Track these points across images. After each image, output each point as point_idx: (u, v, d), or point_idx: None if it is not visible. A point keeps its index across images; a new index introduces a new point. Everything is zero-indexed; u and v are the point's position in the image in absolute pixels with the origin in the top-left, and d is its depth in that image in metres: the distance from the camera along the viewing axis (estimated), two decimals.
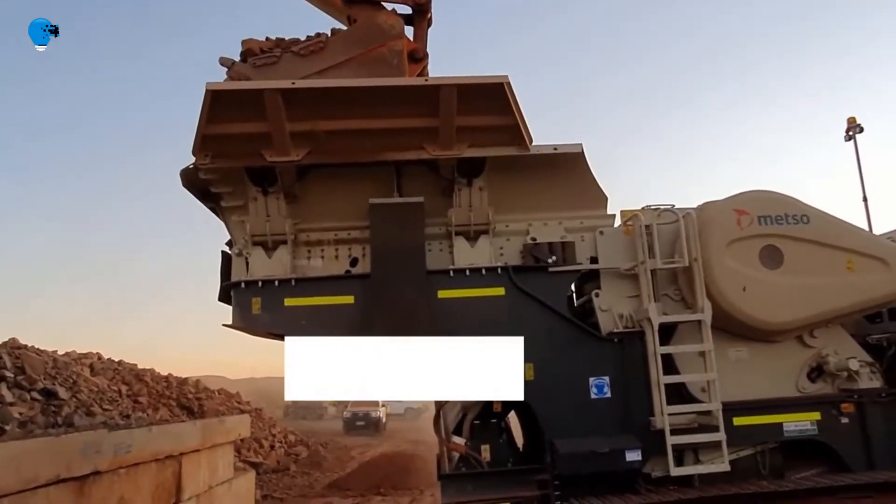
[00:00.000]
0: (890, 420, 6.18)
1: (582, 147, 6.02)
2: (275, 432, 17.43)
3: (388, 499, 10.86)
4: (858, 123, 11.59)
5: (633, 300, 6.13)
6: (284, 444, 17.11)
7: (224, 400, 16.09)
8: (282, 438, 17.33)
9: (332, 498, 11.21)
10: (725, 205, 6.21)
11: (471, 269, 6.00)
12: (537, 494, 5.79)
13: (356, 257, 6.17)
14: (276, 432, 17.48)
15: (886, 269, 6.24)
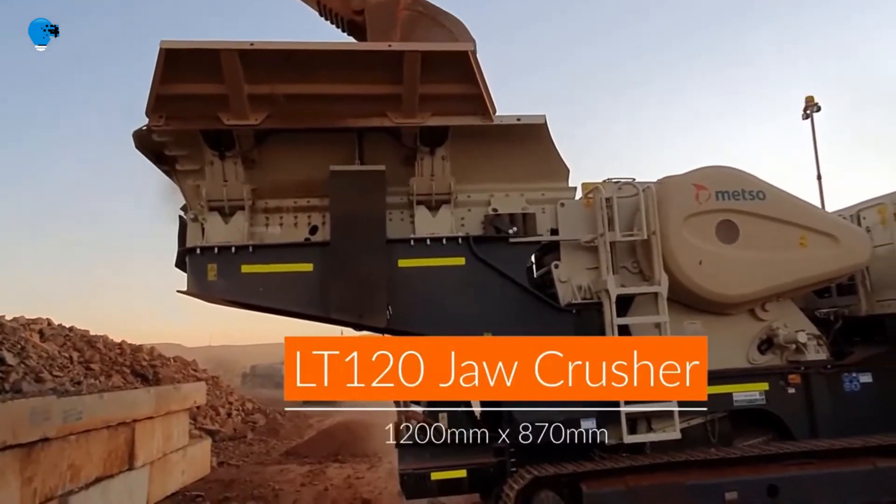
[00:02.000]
0: (833, 391, 6.56)
1: (545, 118, 6.12)
2: (232, 400, 17.47)
3: (346, 466, 11.06)
4: (816, 102, 11.92)
5: (591, 272, 6.32)
6: (242, 412, 17.16)
7: (180, 367, 16.03)
8: (239, 406, 17.38)
9: (289, 465, 11.36)
10: (684, 179, 6.41)
11: (432, 239, 6.11)
12: (494, 462, 6.02)
13: (315, 225, 6.20)
14: (233, 400, 17.52)
15: (837, 245, 6.55)
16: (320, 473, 10.38)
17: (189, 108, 5.54)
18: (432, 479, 5.91)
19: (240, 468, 11.19)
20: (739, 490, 5.73)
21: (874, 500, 5.97)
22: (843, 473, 5.96)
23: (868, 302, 7.03)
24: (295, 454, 12.70)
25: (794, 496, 5.83)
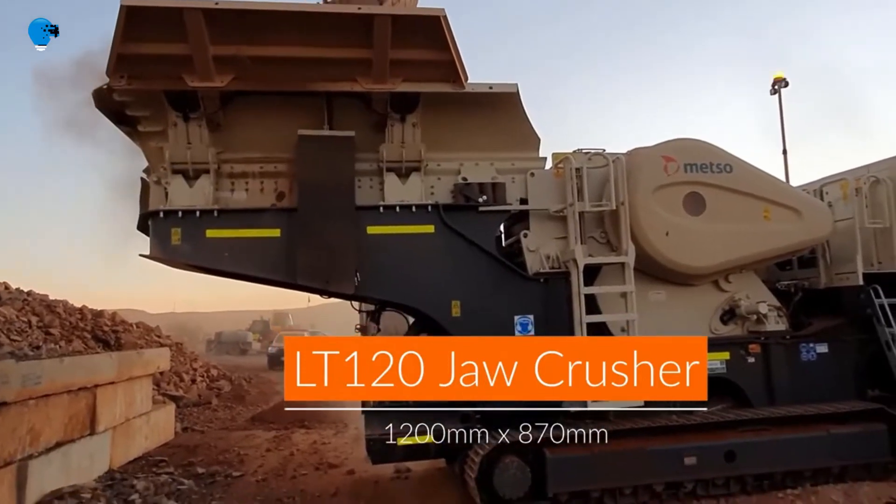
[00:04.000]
0: (791, 360, 6.88)
1: (517, 87, 6.17)
2: (196, 366, 17.38)
3: (312, 432, 11.18)
4: (784, 79, 12.16)
5: (560, 241, 6.47)
6: (206, 378, 17.11)
7: (143, 333, 15.86)
8: (203, 373, 17.31)
9: (254, 431, 11.44)
10: (654, 151, 6.55)
11: (401, 206, 6.18)
12: (460, 428, 6.18)
13: (283, 191, 6.21)
14: (197, 366, 17.44)
15: (800, 218, 6.79)
16: (286, 439, 10.49)
17: (152, 69, 5.48)
18: (398, 445, 6.06)
19: (204, 434, 11.24)
20: (698, 455, 6.04)
21: (826, 464, 6.33)
22: (798, 439, 6.30)
23: (827, 275, 7.33)
24: (261, 420, 12.76)
25: (750, 461, 6.16)
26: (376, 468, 7.36)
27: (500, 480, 5.73)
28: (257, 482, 7.64)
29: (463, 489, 6.20)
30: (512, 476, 5.75)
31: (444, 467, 7.43)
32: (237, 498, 6.94)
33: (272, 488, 7.34)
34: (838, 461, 6.37)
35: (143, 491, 6.78)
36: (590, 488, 5.88)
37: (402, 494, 6.90)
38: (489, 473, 5.75)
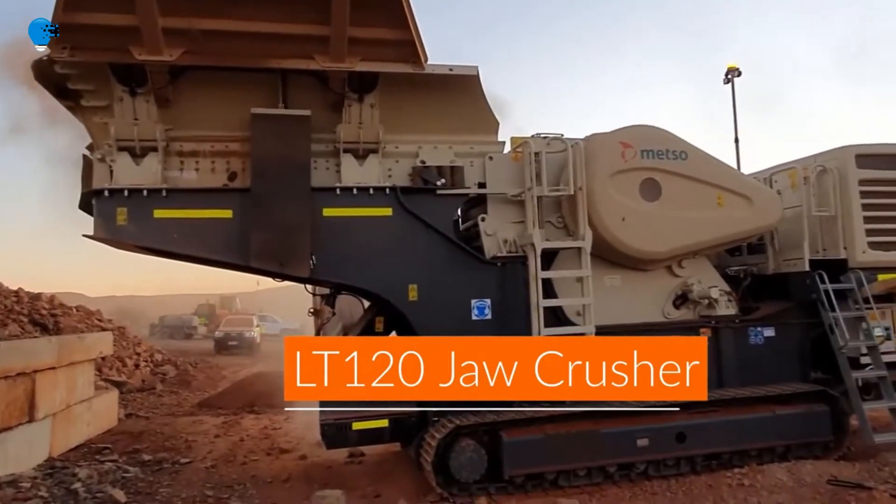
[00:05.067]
0: (739, 344, 7.15)
1: (477, 70, 6.19)
2: (140, 351, 17.02)
3: (262, 417, 11.10)
4: (737, 68, 12.46)
5: (517, 226, 6.56)
6: (150, 363, 16.78)
7: (83, 317, 15.40)
8: (147, 357, 16.96)
9: (202, 416, 11.29)
10: (612, 137, 6.67)
11: (358, 188, 6.16)
12: (416, 412, 6.25)
13: (235, 171, 6.11)
14: (141, 351, 17.07)
15: (751, 206, 7.03)
16: (235, 424, 10.40)
17: (96, 39, 5.29)
18: (353, 429, 6.10)
19: (149, 420, 11.03)
20: (650, 437, 6.25)
21: (771, 444, 6.65)
22: (745, 420, 6.60)
23: (775, 261, 7.62)
24: (208, 406, 12.59)
25: (699, 442, 6.43)
26: (329, 453, 7.38)
27: (457, 463, 5.84)
28: (207, 469, 7.57)
29: (418, 473, 6.29)
30: (468, 459, 5.86)
31: (399, 451, 7.50)
32: (186, 485, 6.87)
33: (222, 475, 7.29)
34: (783, 440, 6.70)
35: (87, 479, 6.63)
36: (545, 470, 6.05)
37: (356, 479, 6.93)
38: (445, 457, 5.85)
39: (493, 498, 5.91)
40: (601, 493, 6.04)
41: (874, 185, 7.36)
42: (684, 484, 6.16)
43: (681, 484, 6.17)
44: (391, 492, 6.27)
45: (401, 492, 6.18)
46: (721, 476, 6.25)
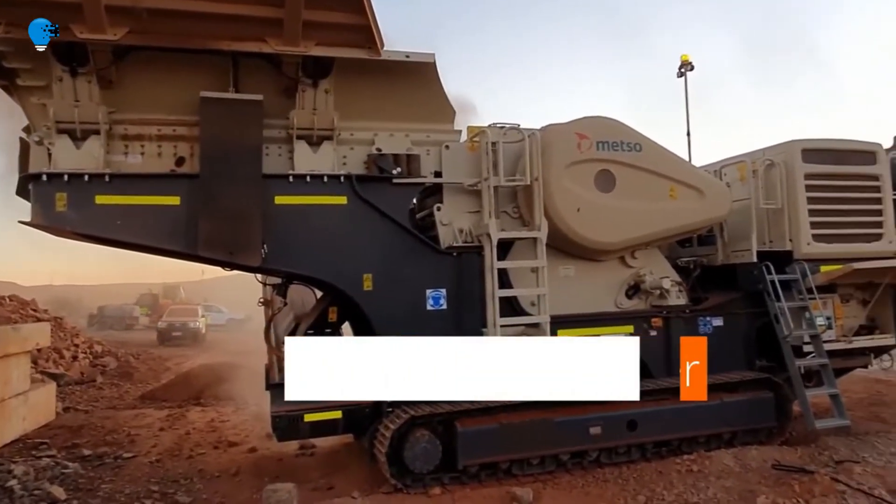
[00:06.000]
0: (689, 333, 7.35)
1: (434, 57, 6.19)
2: (78, 342, 16.53)
3: (209, 409, 10.94)
4: (690, 62, 12.74)
5: (473, 215, 6.62)
6: (89, 354, 16.31)
7: (17, 308, 14.88)
8: (86, 349, 16.48)
9: (145, 409, 11.05)
10: (568, 128, 6.77)
11: (312, 176, 6.10)
12: (370, 403, 6.26)
13: (183, 156, 5.97)
14: (79, 342, 16.58)
15: (702, 198, 7.24)
16: (181, 417, 10.23)
17: (34, 16, 5.05)
18: (305, 421, 6.08)
19: (89, 413, 10.75)
20: (603, 425, 6.41)
21: (719, 431, 6.90)
22: (694, 408, 6.77)
23: (724, 252, 7.89)
24: (152, 398, 12.34)
25: (650, 429, 6.63)
26: (280, 445, 7.36)
27: (411, 454, 5.88)
28: (151, 463, 7.45)
29: (371, 464, 6.31)
30: (423, 449, 5.91)
31: (352, 443, 7.50)
32: (129, 480, 6.75)
33: (167, 469, 7.18)
34: (729, 427, 6.96)
35: (23, 476, 6.45)
36: (499, 459, 6.14)
37: (308, 471, 6.93)
38: (399, 447, 5.88)
39: (447, 488, 5.98)
40: (554, 481, 6.18)
41: (819, 179, 7.65)
42: (635, 470, 6.34)
43: (632, 471, 6.35)
44: (344, 484, 6.29)
45: (354, 484, 6.20)
46: (670, 462, 6.46)
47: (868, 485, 5.62)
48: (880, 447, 6.92)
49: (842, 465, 6.23)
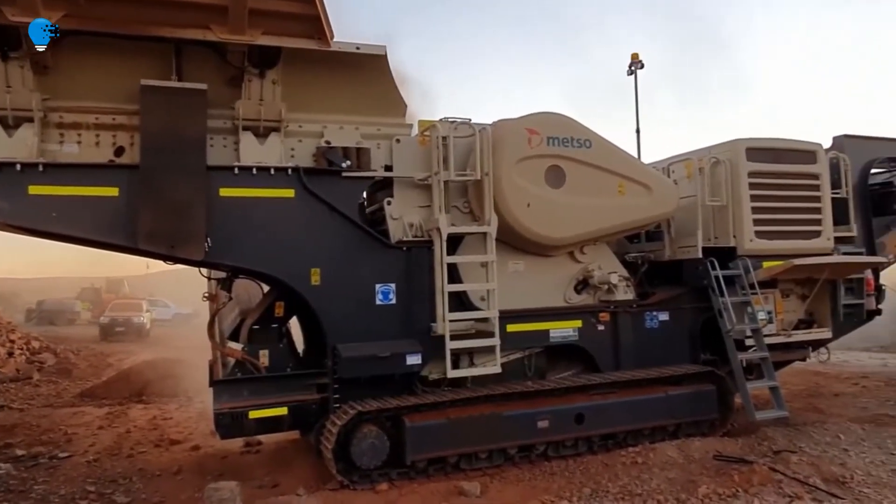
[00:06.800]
0: (636, 327, 7.56)
1: (385, 50, 6.18)
2: (14, 338, 16.00)
3: (151, 406, 10.73)
4: (640, 60, 12.95)
5: (423, 210, 6.63)
6: (26, 350, 15.80)
7: None
8: (23, 345, 15.96)
9: (84, 407, 10.76)
10: (518, 123, 6.84)
11: (258, 168, 6.02)
12: (316, 398, 6.25)
13: (122, 146, 5.83)
14: (15, 338, 16.05)
15: (650, 194, 7.40)
16: (121, 415, 10.00)
17: None
18: (250, 418, 6.03)
19: (24, 412, 10.41)
20: (551, 418, 6.51)
21: (663, 423, 7.08)
22: (640, 401, 7.01)
23: (671, 248, 8.08)
24: (91, 396, 12.01)
25: (597, 423, 6.77)
26: (224, 443, 7.24)
27: (358, 450, 5.87)
28: (88, 463, 7.27)
29: (317, 461, 6.29)
30: (370, 445, 5.91)
31: (298, 439, 7.46)
32: (65, 481, 6.57)
33: (106, 469, 7.02)
34: (674, 419, 7.15)
35: None
36: (447, 454, 6.18)
37: (253, 469, 6.86)
38: (346, 443, 5.87)
39: (395, 483, 5.99)
40: (502, 474, 6.26)
41: (761, 177, 7.90)
42: (582, 463, 6.47)
43: (578, 464, 6.47)
44: (290, 481, 6.25)
45: (300, 481, 6.17)
46: (616, 455, 6.61)
47: (803, 474, 5.84)
48: (816, 437, 7.20)
49: (779, 455, 6.46)
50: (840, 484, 5.71)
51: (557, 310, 7.26)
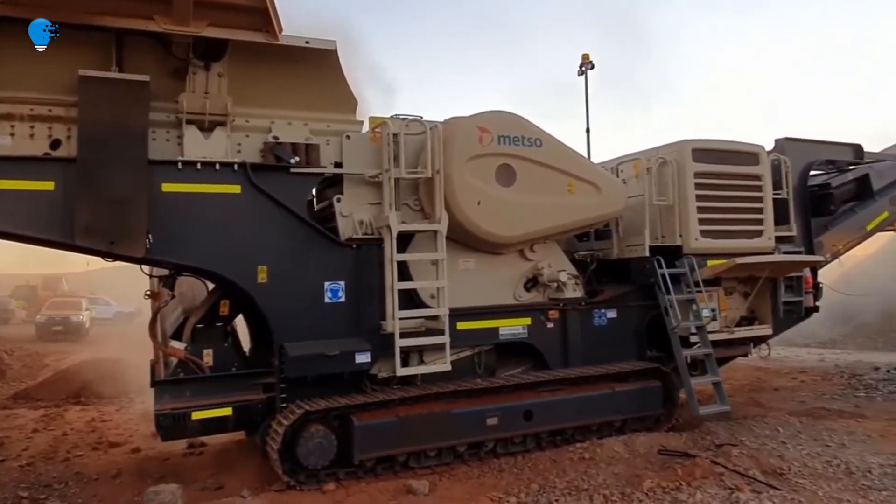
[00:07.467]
0: (584, 325, 7.70)
1: (335, 45, 6.14)
2: None
3: (90, 408, 10.47)
4: (591, 60, 13.18)
5: (374, 207, 6.62)
6: None
7: None
8: None
9: (17, 410, 10.44)
10: (470, 122, 6.89)
11: (203, 163, 5.92)
12: (262, 398, 6.19)
13: (58, 138, 5.66)
14: None
15: (599, 193, 7.55)
16: (58, 417, 9.75)
17: None
18: (193, 419, 5.94)
19: None
20: (500, 416, 6.59)
21: (610, 419, 7.24)
22: (587, 397, 7.14)
23: (619, 247, 8.25)
24: (26, 397, 11.65)
25: (545, 419, 6.87)
26: (167, 445, 7.16)
27: (305, 450, 5.83)
28: (21, 467, 7.07)
29: (263, 461, 6.24)
30: (317, 445, 5.88)
31: (243, 440, 7.37)
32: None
33: (40, 473, 6.83)
34: (620, 415, 7.32)
35: None
36: (396, 452, 6.20)
37: (196, 471, 6.77)
38: (293, 443, 5.83)
39: (342, 483, 5.98)
40: (451, 472, 6.30)
41: (707, 177, 8.13)
42: (530, 460, 6.57)
43: (527, 460, 6.57)
44: (234, 483, 6.19)
45: (244, 482, 6.10)
46: (564, 451, 6.73)
47: (743, 466, 6.06)
48: (756, 430, 7.49)
49: (721, 449, 6.68)
50: (778, 475, 5.94)
51: (507, 307, 7.35)
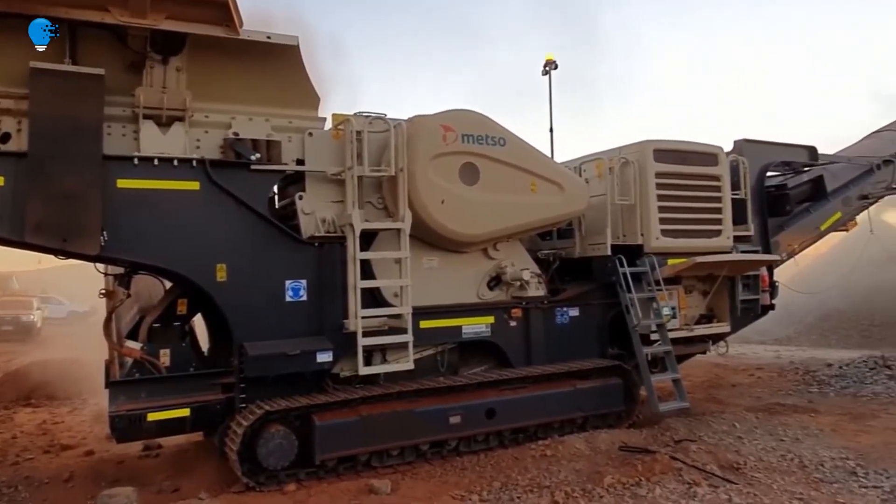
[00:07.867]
0: (547, 323, 7.78)
1: (297, 40, 6.09)
2: None
3: (41, 410, 10.23)
4: (554, 61, 13.37)
5: (336, 205, 6.59)
6: None
7: None
8: None
9: None
10: (434, 120, 6.90)
11: (160, 159, 5.82)
12: (221, 398, 6.11)
13: (8, 132, 5.51)
14: None
15: (562, 192, 7.64)
16: (7, 420, 9.50)
17: None
18: (149, 420, 5.84)
19: None
20: (462, 414, 6.63)
21: (572, 416, 7.33)
22: (549, 395, 7.23)
23: (581, 245, 8.36)
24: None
25: (508, 417, 6.93)
26: (122, 447, 7.04)
27: (265, 451, 5.78)
28: None
29: (222, 463, 6.17)
30: (277, 445, 5.83)
31: (202, 441, 7.28)
32: None
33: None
34: (581, 412, 7.42)
35: None
36: (358, 452, 6.19)
37: (152, 473, 6.66)
38: (252, 444, 5.77)
39: (303, 483, 5.95)
40: (413, 471, 6.32)
41: (668, 177, 8.29)
42: (493, 458, 6.62)
43: (489, 458, 6.62)
44: (191, 485, 6.11)
45: (202, 484, 6.04)
46: (526, 448, 6.79)
47: (702, 461, 6.21)
48: (714, 426, 7.67)
49: (680, 445, 6.83)
50: (735, 470, 6.10)
51: (470, 306, 7.39)
